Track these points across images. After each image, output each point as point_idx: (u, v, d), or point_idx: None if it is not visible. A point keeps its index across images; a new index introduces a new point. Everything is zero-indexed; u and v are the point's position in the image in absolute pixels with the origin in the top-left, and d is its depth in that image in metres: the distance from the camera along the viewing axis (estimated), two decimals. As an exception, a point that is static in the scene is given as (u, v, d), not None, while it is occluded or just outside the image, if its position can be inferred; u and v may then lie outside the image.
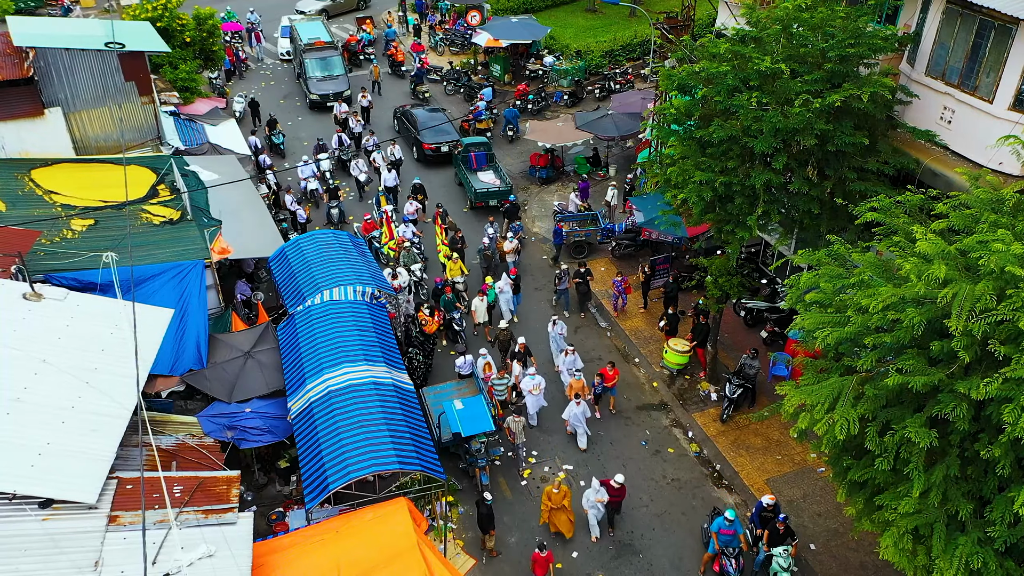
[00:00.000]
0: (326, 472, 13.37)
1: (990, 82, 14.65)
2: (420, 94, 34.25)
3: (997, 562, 9.55)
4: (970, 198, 11.27)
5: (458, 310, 20.96)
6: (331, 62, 33.26)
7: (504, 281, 21.53)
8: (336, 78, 33.00)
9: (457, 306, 20.96)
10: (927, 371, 9.71)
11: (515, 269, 22.31)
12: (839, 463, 11.76)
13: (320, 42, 33.50)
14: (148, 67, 21.70)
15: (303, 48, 33.34)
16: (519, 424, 17.26)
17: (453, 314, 20.75)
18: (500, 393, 18.42)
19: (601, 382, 18.65)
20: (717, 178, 15.35)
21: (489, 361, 18.96)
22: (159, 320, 14.64)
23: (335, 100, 32.06)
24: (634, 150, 28.28)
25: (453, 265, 22.21)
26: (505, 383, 18.45)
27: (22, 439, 11.64)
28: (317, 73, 32.96)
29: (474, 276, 22.86)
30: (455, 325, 20.77)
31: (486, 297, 21.02)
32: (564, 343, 19.92)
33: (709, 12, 29.99)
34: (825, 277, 11.45)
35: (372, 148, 28.39)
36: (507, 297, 21.50)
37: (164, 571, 10.88)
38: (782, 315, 20.13)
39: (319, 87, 32.72)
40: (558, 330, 20.17)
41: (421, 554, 11.96)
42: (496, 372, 18.77)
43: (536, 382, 18.05)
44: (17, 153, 20.06)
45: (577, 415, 17.67)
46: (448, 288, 20.91)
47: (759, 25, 15.86)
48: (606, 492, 15.53)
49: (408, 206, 25.01)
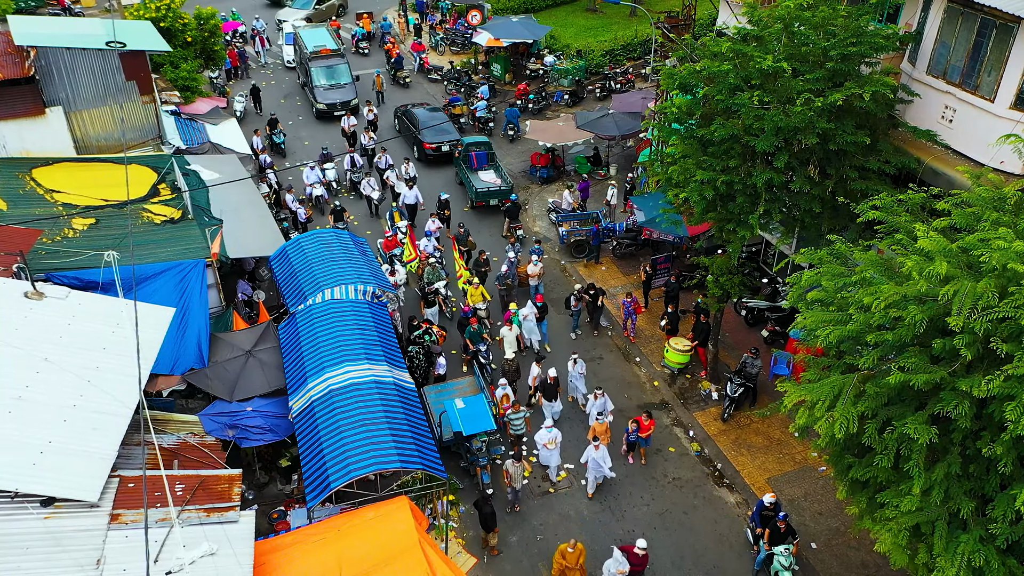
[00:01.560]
0: (327, 471, 13.37)
1: (991, 81, 14.65)
2: (401, 79, 35.18)
3: (999, 560, 9.55)
4: (971, 196, 11.27)
5: (484, 342, 19.59)
6: (338, 70, 32.20)
7: (529, 308, 20.27)
8: (343, 87, 32.08)
9: (484, 337, 19.61)
10: (929, 369, 9.71)
11: (541, 295, 20.92)
12: (840, 462, 11.77)
13: (326, 50, 32.40)
14: (149, 66, 21.72)
15: (309, 56, 32.22)
16: (519, 469, 15.98)
17: (479, 346, 19.41)
18: (517, 427, 17.41)
19: (636, 430, 17.11)
20: (718, 177, 15.36)
21: (508, 393, 17.82)
22: (160, 319, 14.63)
23: (343, 109, 31.09)
24: (635, 149, 28.30)
25: (474, 291, 20.91)
26: (522, 416, 17.40)
27: (24, 437, 11.62)
28: (324, 82, 31.94)
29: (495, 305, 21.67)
30: (480, 358, 19.40)
31: (514, 326, 19.65)
32: (584, 384, 18.77)
33: (710, 11, 29.99)
34: (827, 275, 11.46)
35: (386, 167, 27.02)
36: (531, 326, 20.23)
37: (166, 569, 10.88)
38: (783, 314, 20.14)
39: (326, 96, 31.78)
40: (579, 369, 18.70)
41: (423, 552, 11.95)
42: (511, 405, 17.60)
43: (552, 435, 16.69)
44: (18, 152, 20.07)
45: (595, 460, 16.21)
46: (474, 319, 19.60)
47: (760, 24, 15.86)
48: (627, 562, 14.30)
49: (431, 223, 23.70)
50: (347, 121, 29.67)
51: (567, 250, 24.39)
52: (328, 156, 27.34)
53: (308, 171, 26.33)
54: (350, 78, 32.40)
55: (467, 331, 19.55)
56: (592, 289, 21.25)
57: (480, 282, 21.16)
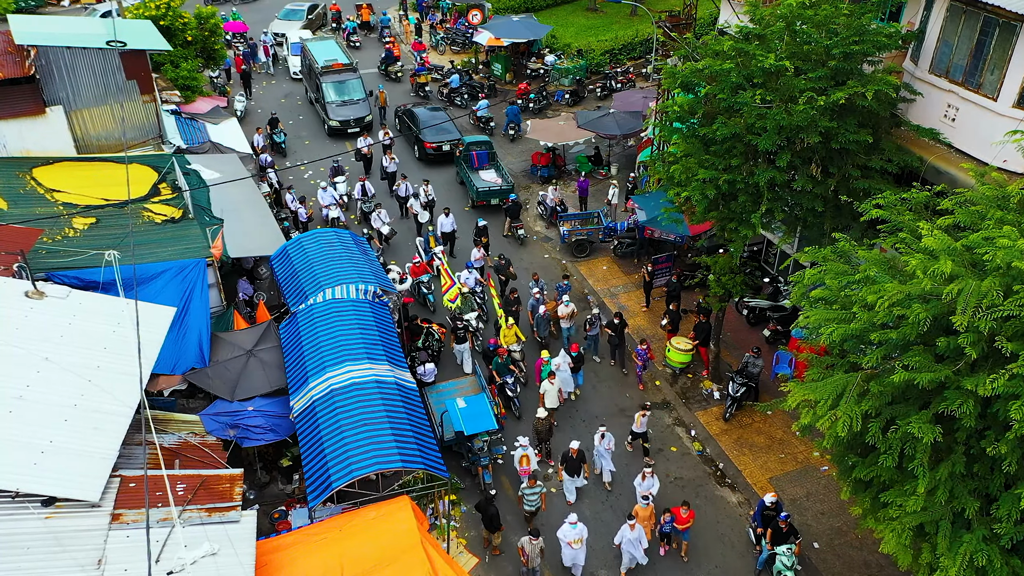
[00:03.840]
0: (329, 470, 13.34)
1: (994, 79, 14.61)
2: (392, 74, 35.55)
3: (1002, 560, 9.52)
4: (975, 195, 11.24)
5: (511, 373, 18.58)
6: (350, 85, 30.86)
7: (562, 357, 18.58)
8: (356, 103, 30.68)
9: (512, 368, 18.61)
10: (933, 368, 9.68)
11: (577, 344, 19.16)
12: (843, 461, 11.74)
13: (338, 64, 31.02)
14: (150, 66, 21.69)
15: (320, 71, 30.78)
16: (536, 547, 14.44)
17: (506, 378, 18.40)
18: (532, 503, 15.58)
19: (671, 520, 15.30)
20: (720, 176, 15.33)
21: (527, 454, 16.14)
22: (161, 318, 14.60)
23: (356, 126, 30.13)
24: (636, 149, 28.28)
25: (508, 331, 19.46)
26: (538, 492, 15.54)
27: (25, 437, 11.60)
28: (336, 98, 30.54)
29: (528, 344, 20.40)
30: (508, 390, 18.39)
31: (557, 378, 18.03)
32: (611, 460, 16.72)
33: (710, 10, 29.96)
34: (830, 274, 11.42)
35: (406, 195, 25.56)
36: (565, 376, 18.51)
37: (167, 569, 10.85)
38: (785, 313, 20.12)
39: (338, 113, 30.37)
40: (606, 444, 16.57)
41: (424, 552, 11.92)
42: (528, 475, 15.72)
43: (578, 532, 14.50)
44: (18, 151, 20.04)
45: (631, 540, 14.75)
46: (502, 349, 18.77)
47: (762, 22, 15.83)
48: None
49: (475, 252, 22.43)
50: (363, 142, 28.13)
51: (568, 249, 24.35)
52: (339, 169, 26.35)
53: (322, 192, 24.80)
54: (363, 93, 31.09)
55: (494, 362, 18.61)
56: (617, 319, 19.70)
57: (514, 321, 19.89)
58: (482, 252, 22.54)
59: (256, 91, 34.84)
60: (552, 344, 20.24)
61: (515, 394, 18.54)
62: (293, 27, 38.74)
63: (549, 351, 19.12)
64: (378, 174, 27.73)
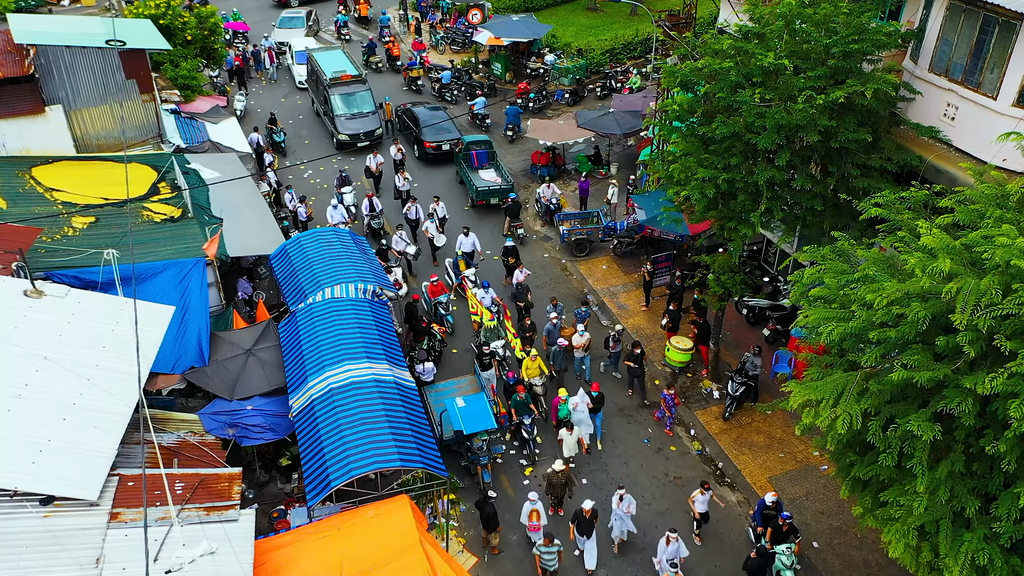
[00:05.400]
0: (328, 469, 13.33)
1: (994, 78, 14.60)
2: (373, 64, 36.12)
3: (1002, 559, 9.51)
4: (974, 193, 11.23)
5: (531, 414, 17.20)
6: (360, 98, 29.78)
7: (581, 397, 17.20)
8: (366, 115, 29.61)
9: (532, 408, 17.24)
10: (932, 366, 9.66)
11: (597, 384, 17.70)
12: (843, 460, 11.73)
13: (347, 76, 29.86)
14: (149, 65, 21.72)
15: (328, 83, 29.65)
16: None
17: (524, 418, 17.09)
18: (549, 563, 14.51)
19: None
20: (720, 175, 15.31)
21: (537, 508, 14.98)
22: (160, 317, 14.60)
23: (366, 140, 29.15)
24: (636, 148, 28.27)
25: (531, 363, 18.13)
26: (555, 552, 14.44)
27: (23, 436, 11.60)
28: (345, 111, 29.51)
29: None
30: (524, 432, 17.08)
31: (576, 428, 16.75)
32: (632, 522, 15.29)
33: (710, 10, 29.96)
34: (829, 273, 11.41)
35: (416, 217, 24.22)
36: (582, 417, 17.13)
37: (166, 568, 10.85)
38: (784, 313, 20.11)
39: (348, 126, 29.28)
40: (625, 506, 15.20)
41: (423, 551, 11.91)
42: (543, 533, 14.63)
43: None
44: (18, 151, 20.06)
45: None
46: (520, 387, 17.31)
47: (762, 21, 15.82)
48: None
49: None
50: (373, 160, 26.79)
51: (567, 249, 24.34)
52: (346, 179, 25.63)
53: (331, 210, 23.63)
54: (373, 106, 30.01)
55: (512, 399, 17.31)
56: (637, 348, 18.47)
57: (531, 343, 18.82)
58: (524, 272, 21.31)
59: (256, 91, 34.78)
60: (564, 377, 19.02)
61: (531, 436, 17.13)
62: (295, 35, 37.98)
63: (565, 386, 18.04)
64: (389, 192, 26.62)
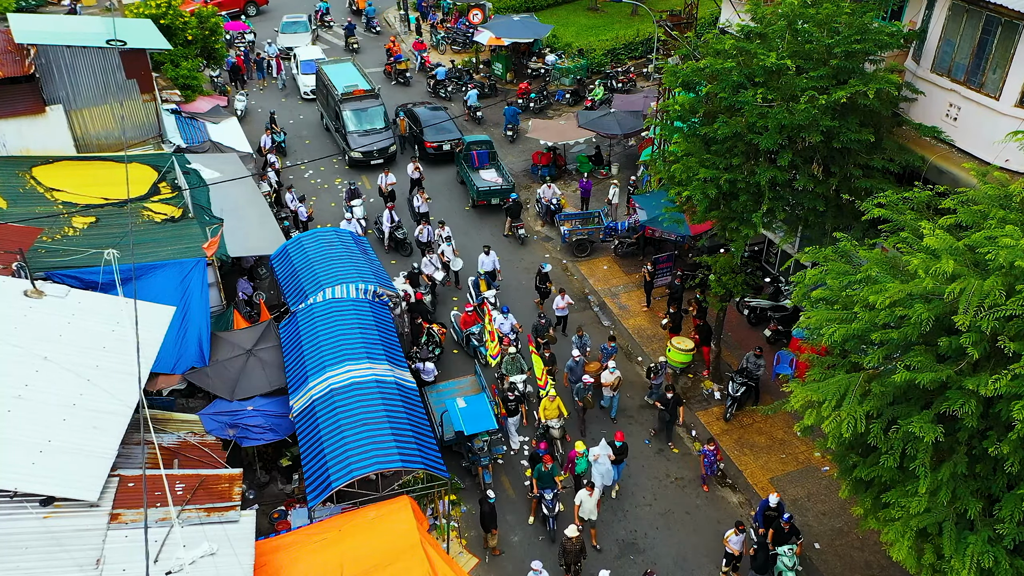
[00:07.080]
0: (328, 470, 13.31)
1: (996, 79, 14.57)
2: (350, 45, 37.25)
3: (1007, 560, 9.48)
4: (977, 194, 11.20)
5: (554, 487, 15.21)
6: (373, 113, 28.68)
7: (603, 448, 15.66)
8: (379, 131, 28.50)
9: (556, 480, 15.27)
10: (935, 368, 9.63)
11: (621, 433, 16.25)
12: (844, 461, 11.69)
13: (359, 91, 28.85)
14: (150, 65, 21.70)
15: (340, 98, 28.56)
16: None
17: (545, 492, 15.21)
18: None
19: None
20: (722, 175, 15.28)
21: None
22: (161, 318, 14.58)
23: (380, 157, 28.24)
24: (637, 148, 28.23)
25: (550, 404, 16.69)
26: None
27: (23, 436, 11.58)
28: (357, 127, 28.42)
29: None
30: (545, 508, 15.37)
31: (596, 490, 15.09)
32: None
33: (711, 10, 29.94)
34: (831, 274, 11.38)
35: (428, 240, 23.22)
36: (604, 469, 15.55)
37: (166, 569, 10.83)
38: (786, 313, 20.07)
39: (360, 143, 28.21)
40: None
41: (424, 552, 11.89)
42: None
43: None
44: (18, 151, 20.05)
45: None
46: (547, 457, 15.22)
47: (764, 21, 15.79)
48: None
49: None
50: (384, 179, 25.97)
51: (568, 249, 24.32)
52: (355, 191, 24.91)
53: (345, 224, 22.91)
54: (385, 122, 28.88)
55: (536, 469, 15.36)
56: (670, 392, 17.30)
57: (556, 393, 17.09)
58: (566, 299, 20.28)
59: (256, 90, 34.73)
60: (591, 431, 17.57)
61: (552, 514, 15.35)
62: (300, 40, 37.36)
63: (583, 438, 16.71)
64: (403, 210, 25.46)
